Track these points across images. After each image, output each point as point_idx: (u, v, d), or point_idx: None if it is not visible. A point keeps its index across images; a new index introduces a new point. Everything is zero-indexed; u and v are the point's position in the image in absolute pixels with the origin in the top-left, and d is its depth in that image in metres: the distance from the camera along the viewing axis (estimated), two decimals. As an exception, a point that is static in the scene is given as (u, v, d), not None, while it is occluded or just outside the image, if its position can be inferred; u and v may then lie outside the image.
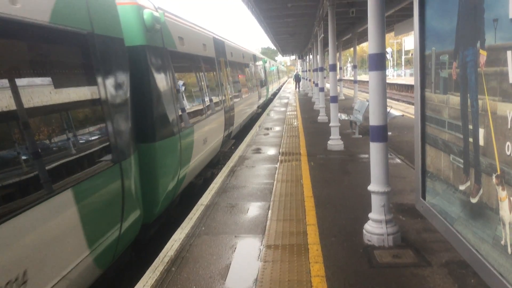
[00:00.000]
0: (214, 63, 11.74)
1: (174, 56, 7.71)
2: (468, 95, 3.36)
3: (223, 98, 12.21)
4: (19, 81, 3.41)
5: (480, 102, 3.16)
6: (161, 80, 6.72)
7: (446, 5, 3.77)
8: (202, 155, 8.99)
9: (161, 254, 4.92)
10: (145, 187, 5.79)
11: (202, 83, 9.98)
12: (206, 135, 9.35)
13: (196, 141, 8.37)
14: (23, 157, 3.43)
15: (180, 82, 8.08)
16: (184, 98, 8.17)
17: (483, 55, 3.08)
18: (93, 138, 4.54)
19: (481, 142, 3.18)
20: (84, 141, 4.39)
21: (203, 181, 9.56)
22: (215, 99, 11.04)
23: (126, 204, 4.94)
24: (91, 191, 4.18)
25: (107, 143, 4.66)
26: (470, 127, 3.35)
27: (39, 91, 3.66)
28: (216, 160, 11.34)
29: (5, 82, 3.25)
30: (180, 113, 7.46)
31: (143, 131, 6.07)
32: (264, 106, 27.64)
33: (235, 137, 14.78)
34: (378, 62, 4.85)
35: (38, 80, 3.74)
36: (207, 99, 10.14)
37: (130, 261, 5.53)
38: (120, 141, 4.91)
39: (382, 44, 4.87)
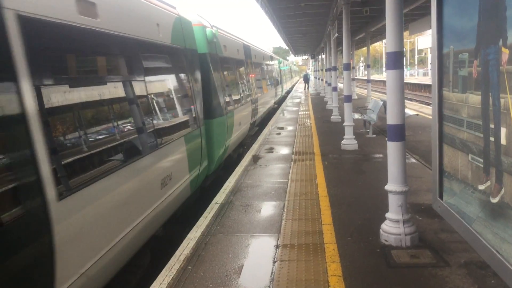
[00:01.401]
0: (244, 64, 14.70)
1: (222, 60, 10.66)
2: (490, 93, 3.31)
3: (250, 92, 15.08)
4: (165, 76, 6.79)
5: (502, 100, 3.11)
6: (217, 77, 9.64)
7: (465, 3, 3.72)
8: (238, 133, 11.79)
9: (177, 253, 4.93)
10: (208, 149, 8.60)
11: (238, 79, 13.02)
12: (241, 120, 12.19)
13: (235, 122, 11.19)
14: (179, 120, 6.98)
15: (227, 79, 11.22)
16: (228, 90, 11.02)
17: (505, 53, 3.03)
18: (190, 111, 7.54)
19: (503, 141, 3.13)
20: (186, 111, 7.41)
21: (237, 156, 12.38)
22: (245, 93, 13.95)
23: (202, 154, 8.05)
24: (191, 139, 7.26)
25: (195, 115, 7.76)
26: (492, 126, 3.30)
27: (169, 83, 6.89)
28: (245, 141, 14.10)
29: (161, 77, 6.54)
30: (227, 100, 10.42)
31: (207, 111, 8.79)
32: (279, 103, 30.25)
33: (258, 125, 17.36)
34: (396, 60, 4.81)
35: (170, 76, 6.96)
36: (241, 92, 13.09)
37: (147, 260, 5.56)
38: (200, 115, 8.08)
39: (400, 42, 4.83)
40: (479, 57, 3.47)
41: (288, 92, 43.97)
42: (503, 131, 3.13)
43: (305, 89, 45.12)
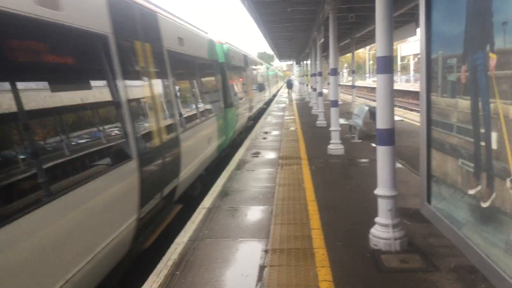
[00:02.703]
0: (243, 69, 19.08)
1: (231, 67, 14.93)
2: (479, 98, 3.33)
3: (248, 92, 19.19)
4: (208, 78, 11.09)
5: (491, 105, 3.13)
6: (229, 79, 13.80)
7: (453, 9, 3.74)
8: (241, 122, 15.64)
9: (165, 258, 4.85)
10: (225, 128, 12.13)
11: (240, 81, 17.23)
12: (242, 112, 16.10)
13: (239, 113, 15.13)
14: (215, 105, 11.17)
15: (239, 81, 16.60)
16: (234, 90, 14.89)
17: (493, 58, 3.05)
18: (219, 101, 11.59)
19: (494, 146, 3.14)
20: (217, 101, 11.39)
21: (240, 140, 15.58)
22: (245, 93, 18.06)
23: (223, 130, 11.61)
24: (219, 118, 10.97)
25: (223, 104, 12.10)
26: (482, 130, 3.32)
27: (209, 82, 11.00)
28: (243, 131, 17.28)
29: (207, 79, 10.88)
30: (234, 97, 14.43)
31: (225, 103, 12.65)
32: (268, 103, 34.30)
33: (252, 119, 21.05)
34: (386, 65, 4.82)
35: (209, 78, 11.15)
36: (242, 92, 17.27)
37: (131, 267, 5.44)
38: (222, 104, 12.11)
39: (390, 47, 4.84)
40: (467, 62, 3.49)
41: (275, 96, 47.05)
42: (493, 135, 3.14)
43: (289, 94, 43.75)
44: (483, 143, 3.32)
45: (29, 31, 3.49)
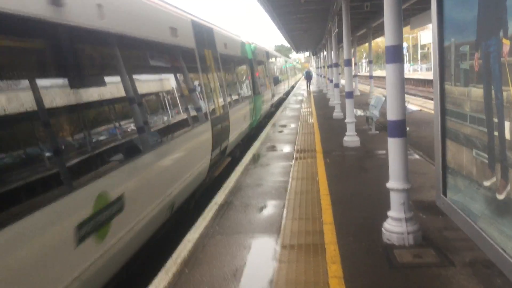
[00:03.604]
0: (267, 64, 22.61)
1: (257, 62, 18.09)
2: (492, 86, 3.20)
3: (270, 83, 22.66)
4: (244, 72, 15.32)
5: (504, 93, 3.00)
6: (256, 72, 17.04)
7: (466, -5, 3.60)
8: (265, 107, 19.04)
9: (174, 255, 4.82)
10: (254, 111, 15.07)
11: (263, 74, 20.45)
12: (266, 99, 19.30)
13: (264, 100, 18.58)
14: (249, 92, 15.06)
15: (263, 73, 20.01)
16: (260, 81, 17.84)
17: (506, 44, 2.93)
18: (250, 89, 15.21)
19: (508, 135, 3.01)
20: (249, 90, 15.10)
21: (264, 123, 18.37)
22: (267, 83, 21.15)
23: (253, 112, 14.76)
24: (251, 102, 14.53)
25: (253, 93, 15.49)
26: (495, 120, 3.19)
27: (244, 75, 15.22)
28: (267, 115, 20.57)
29: (243, 72, 15.13)
30: (260, 86, 17.43)
31: (253, 91, 15.62)
32: (287, 94, 37.18)
33: (274, 107, 24.37)
34: (395, 54, 4.68)
35: (244, 71, 15.33)
36: (265, 82, 20.46)
37: (142, 263, 5.46)
38: (252, 92, 15.40)
39: (399, 35, 4.69)
40: (480, 49, 3.36)
41: (293, 87, 49.46)
42: (507, 125, 3.01)
43: (307, 87, 42.36)
44: (496, 133, 3.19)
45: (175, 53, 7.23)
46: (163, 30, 6.56)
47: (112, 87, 4.75)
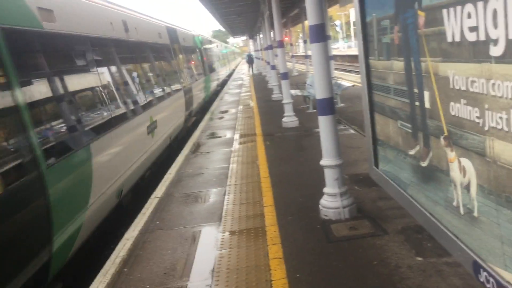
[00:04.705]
0: (212, 51, 27.09)
1: (205, 50, 23.21)
2: (411, 58, 3.28)
3: (215, 66, 27.66)
4: (200, 55, 21.03)
5: (423, 64, 3.08)
6: (205, 57, 22.26)
7: (382, -31, 3.65)
8: (212, 85, 23.55)
9: (113, 256, 4.65)
10: (207, 87, 20.84)
11: (211, 59, 25.45)
12: (213, 79, 23.87)
13: (212, 79, 23.54)
14: (203, 72, 20.43)
15: (208, 58, 24.37)
16: (207, 64, 22.60)
17: (421, 16, 2.99)
18: (203, 70, 20.75)
19: (427, 105, 3.11)
20: (203, 71, 20.57)
21: (213, 99, 22.39)
22: (214, 66, 26.27)
23: (207, 87, 21.01)
24: (204, 80, 20.01)
25: (204, 73, 20.76)
26: (416, 90, 3.28)
27: (200, 58, 21.21)
28: (214, 93, 24.63)
29: (199, 57, 20.92)
30: (208, 68, 22.54)
31: (204, 73, 20.58)
32: (229, 76, 42.15)
33: (219, 86, 29.27)
34: (319, 33, 4.68)
35: (198, 59, 20.56)
36: (213, 66, 25.40)
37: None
38: (204, 73, 20.69)
39: (321, 14, 4.69)
40: (398, 22, 3.42)
41: (234, 70, 53.95)
42: (426, 94, 3.11)
43: (249, 71, 41.84)
44: (417, 103, 3.29)
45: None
46: (158, 35, 12.02)
47: (154, 70, 10.76)
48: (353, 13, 66.17)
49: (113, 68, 7.42)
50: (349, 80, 19.03)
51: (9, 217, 3.59)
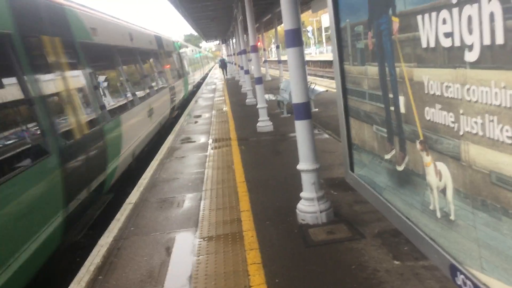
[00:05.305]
0: (188, 54, 29.15)
1: (182, 54, 25.61)
2: (386, 63, 3.32)
3: (191, 69, 29.56)
4: (177, 64, 23.24)
5: (397, 69, 3.12)
6: (183, 61, 25.06)
7: (356, -25, 3.70)
8: (190, 87, 26.21)
9: (87, 263, 4.54)
10: (185, 87, 23.23)
11: (187, 62, 27.65)
12: (190, 81, 26.76)
13: (189, 81, 26.47)
14: (181, 74, 22.99)
15: (185, 62, 26.87)
16: (188, 67, 27.61)
17: (395, 22, 3.03)
18: (182, 72, 23.48)
19: (402, 109, 3.15)
20: (181, 72, 23.43)
21: (190, 99, 24.42)
22: (190, 70, 28.79)
23: (185, 87, 23.79)
24: (182, 81, 22.64)
25: (183, 75, 23.67)
26: (391, 95, 3.32)
27: (178, 65, 23.70)
28: (191, 93, 27.55)
29: (177, 65, 23.46)
30: (186, 71, 25.70)
31: (183, 74, 23.74)
32: (203, 79, 45.01)
33: (195, 87, 32.21)
34: (295, 38, 4.72)
35: (178, 63, 23.62)
36: (189, 70, 28.17)
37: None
38: (183, 74, 23.83)
39: (297, 19, 4.73)
40: (372, 28, 3.47)
41: (207, 74, 56.73)
42: (401, 99, 3.15)
43: (223, 74, 42.41)
44: (392, 108, 3.33)
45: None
46: (149, 42, 14.77)
47: (156, 71, 14.97)
48: (324, 19, 67.19)
49: (126, 67, 10.61)
50: (322, 85, 19.23)
51: (87, 151, 6.31)
